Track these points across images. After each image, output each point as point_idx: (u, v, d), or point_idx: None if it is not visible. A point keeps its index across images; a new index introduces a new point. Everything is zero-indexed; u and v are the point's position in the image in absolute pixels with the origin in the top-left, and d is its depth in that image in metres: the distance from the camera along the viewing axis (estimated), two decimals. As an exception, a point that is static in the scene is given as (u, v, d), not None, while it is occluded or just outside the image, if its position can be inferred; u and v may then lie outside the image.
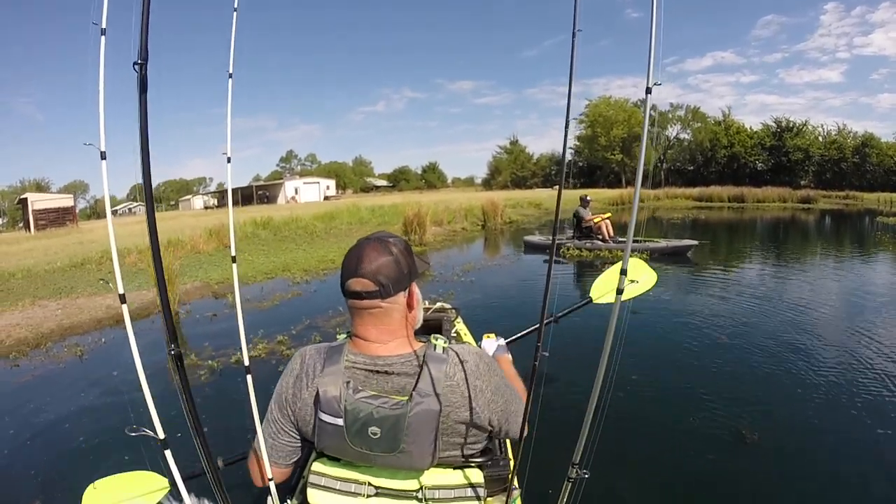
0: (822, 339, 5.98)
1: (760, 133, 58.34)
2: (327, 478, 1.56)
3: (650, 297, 8.17)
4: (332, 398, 1.45)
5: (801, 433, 3.90)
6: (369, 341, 1.53)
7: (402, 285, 1.53)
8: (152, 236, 1.46)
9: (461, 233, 19.84)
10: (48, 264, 12.88)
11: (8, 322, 8.01)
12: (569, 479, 1.61)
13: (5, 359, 6.50)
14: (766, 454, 3.61)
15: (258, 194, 63.80)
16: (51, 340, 7.22)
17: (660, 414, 4.22)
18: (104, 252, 13.30)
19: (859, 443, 3.72)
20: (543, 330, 1.65)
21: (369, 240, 1.57)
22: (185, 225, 19.47)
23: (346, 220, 21.50)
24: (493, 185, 74.71)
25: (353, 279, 1.50)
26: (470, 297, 8.50)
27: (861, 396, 4.39)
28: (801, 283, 9.53)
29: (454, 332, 3.77)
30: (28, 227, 36.85)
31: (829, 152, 52.31)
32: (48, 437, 4.35)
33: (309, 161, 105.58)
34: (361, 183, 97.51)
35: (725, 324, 6.66)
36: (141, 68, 1.31)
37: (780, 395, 4.53)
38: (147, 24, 1.30)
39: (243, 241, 15.79)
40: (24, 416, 4.74)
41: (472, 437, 1.57)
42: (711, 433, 3.89)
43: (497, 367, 1.65)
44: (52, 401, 5.03)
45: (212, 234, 15.26)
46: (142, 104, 1.33)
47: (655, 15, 1.32)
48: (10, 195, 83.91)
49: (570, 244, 13.26)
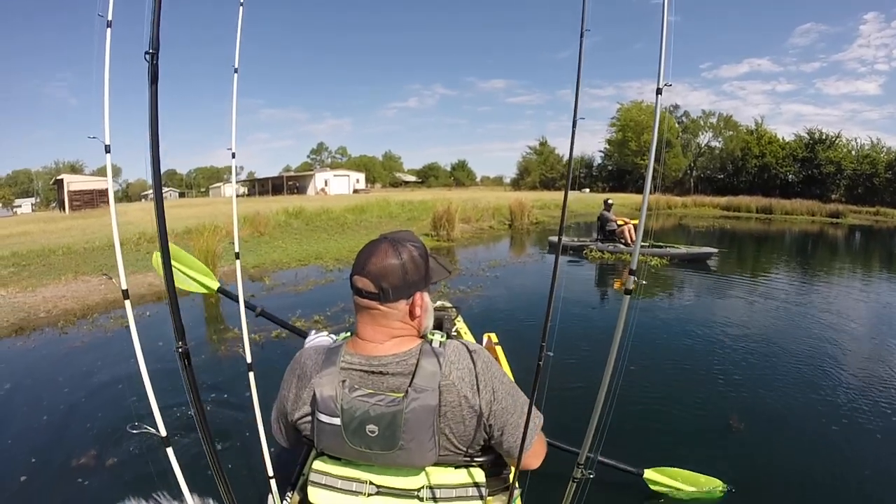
0: (836, 354, 5.84)
1: (792, 144, 57.31)
2: (328, 476, 1.57)
3: (660, 300, 8.45)
4: (329, 398, 1.46)
5: (806, 438, 3.92)
6: (366, 341, 1.54)
7: (405, 293, 1.52)
8: (160, 228, 1.51)
9: (488, 231, 20.16)
10: (87, 243, 13.36)
11: (54, 294, 8.53)
12: (573, 479, 1.65)
13: (54, 326, 7.01)
14: (767, 454, 3.66)
15: (288, 184, 64.49)
16: (97, 312, 7.71)
17: (666, 416, 4.23)
18: (141, 234, 13.67)
19: (865, 450, 3.73)
20: (548, 330, 1.66)
21: (386, 239, 1.56)
22: (219, 211, 19.80)
23: (376, 213, 21.87)
24: (522, 186, 73.94)
25: (357, 276, 1.52)
26: (497, 292, 8.92)
27: (872, 416, 4.29)
28: (819, 298, 9.37)
29: (454, 330, 3.66)
30: (63, 208, 37.58)
31: (862, 167, 51.26)
32: (104, 395, 4.69)
33: (339, 154, 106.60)
34: (390, 178, 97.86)
35: (737, 333, 6.63)
36: (152, 58, 1.34)
37: (787, 403, 4.53)
38: (159, 14, 1.32)
39: (276, 230, 16.30)
40: (81, 377, 5.16)
41: (471, 434, 1.55)
42: (718, 437, 3.94)
43: (496, 366, 1.62)
44: (104, 365, 5.40)
45: (246, 221, 15.70)
46: (152, 94, 1.36)
47: (666, 18, 1.38)
48: (45, 176, 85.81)
49: (593, 246, 13.56)
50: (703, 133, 66.99)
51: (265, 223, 16.10)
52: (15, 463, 3.65)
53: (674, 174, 62.30)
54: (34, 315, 7.50)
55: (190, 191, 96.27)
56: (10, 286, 8.98)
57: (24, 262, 11.05)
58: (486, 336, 4.20)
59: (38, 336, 6.71)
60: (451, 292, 8.75)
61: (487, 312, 7.50)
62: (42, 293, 8.59)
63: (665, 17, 1.38)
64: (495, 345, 3.94)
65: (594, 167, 75.09)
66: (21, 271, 10.28)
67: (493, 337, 4.14)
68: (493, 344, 3.98)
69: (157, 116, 1.37)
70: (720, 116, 66.30)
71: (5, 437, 4.07)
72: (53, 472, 3.56)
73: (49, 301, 8.13)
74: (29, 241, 14.37)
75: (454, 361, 1.52)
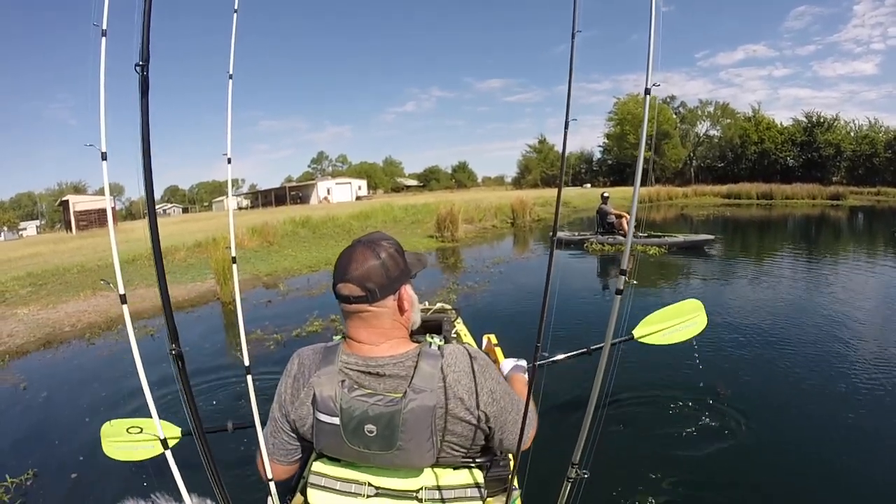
0: (838, 337, 5.83)
1: (791, 129, 57.31)
2: (327, 478, 1.58)
3: (655, 294, 8.44)
4: (328, 397, 1.46)
5: (802, 431, 3.87)
6: (361, 343, 1.54)
7: (391, 289, 1.53)
8: (154, 235, 1.48)
9: (491, 230, 20.46)
10: (99, 260, 13.38)
11: (76, 309, 8.82)
12: (568, 479, 1.63)
13: (81, 338, 7.33)
14: (767, 454, 3.61)
15: (291, 195, 64.75)
16: (120, 324, 7.75)
17: (660, 414, 4.18)
18: (150, 249, 13.88)
19: (864, 442, 3.66)
20: (543, 331, 1.63)
21: (360, 243, 1.57)
22: (223, 224, 20.03)
23: (380, 218, 22.14)
24: (523, 184, 74.03)
25: (341, 283, 1.52)
26: (499, 288, 9.21)
27: (866, 400, 4.27)
28: (819, 279, 9.50)
29: (454, 332, 3.67)
30: (69, 228, 37.85)
31: (861, 147, 51.22)
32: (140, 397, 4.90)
33: (340, 162, 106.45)
34: (392, 183, 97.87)
35: (735, 321, 6.58)
36: (143, 69, 1.33)
37: (783, 393, 4.49)
38: (149, 26, 1.32)
39: (284, 238, 16.64)
40: (115, 381, 5.33)
41: (469, 436, 1.57)
42: (713, 433, 3.86)
43: (493, 368, 1.64)
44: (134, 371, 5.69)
45: (255, 232, 16.00)
46: (143, 106, 1.35)
47: (654, 18, 1.36)
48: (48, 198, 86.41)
49: (593, 240, 13.90)
50: (701, 122, 67.28)
51: (273, 233, 16.40)
52: (21, 461, 3.89)
53: (673, 165, 62.43)
54: (59, 329, 7.78)
55: (193, 206, 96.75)
56: (30, 304, 9.25)
57: (40, 282, 11.26)
58: (486, 338, 4.18)
59: (65, 349, 7.01)
60: (460, 288, 9.08)
61: (490, 310, 7.71)
62: (64, 309, 8.86)
63: (653, 15, 1.36)
64: (495, 346, 3.92)
65: (594, 162, 75.31)
66: (39, 290, 10.53)
67: (492, 338, 4.11)
68: (493, 345, 3.94)
69: (149, 129, 1.37)
70: (717, 105, 66.60)
71: (18, 439, 4.37)
72: (56, 473, 3.75)
73: (72, 316, 8.40)
74: (42, 262, 14.54)
75: (452, 364, 1.53)
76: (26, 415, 4.92)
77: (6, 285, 10.88)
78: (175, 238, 15.56)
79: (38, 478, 3.68)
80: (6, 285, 10.88)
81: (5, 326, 7.93)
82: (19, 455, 4.06)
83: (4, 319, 8.36)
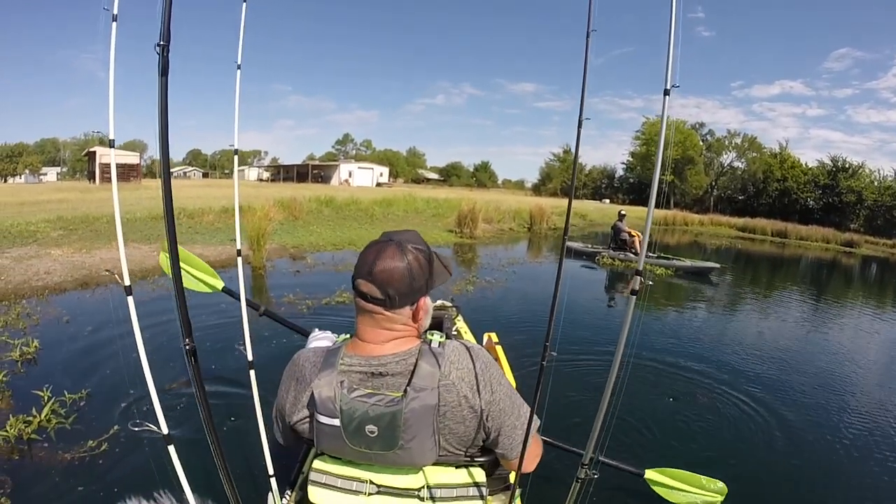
0: (833, 362, 6.21)
1: (815, 170, 57.04)
2: (328, 475, 1.57)
3: (665, 306, 8.93)
4: (328, 399, 1.45)
5: (809, 447, 3.98)
6: (366, 342, 1.53)
7: (411, 299, 1.51)
8: (169, 228, 1.49)
9: (508, 232, 20.87)
10: (127, 213, 13.23)
11: (110, 256, 9.04)
12: (577, 479, 1.64)
13: (117, 284, 7.58)
14: (768, 453, 3.78)
15: (313, 173, 65.02)
16: (157, 273, 8.13)
17: (669, 418, 4.25)
18: (180, 209, 14.09)
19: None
20: (552, 330, 1.64)
21: (391, 241, 1.52)
22: (247, 194, 20.23)
23: (402, 207, 22.56)
24: (543, 192, 74.25)
25: (362, 280, 1.49)
26: (509, 287, 9.58)
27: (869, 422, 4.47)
28: (820, 316, 9.85)
29: (455, 329, 3.59)
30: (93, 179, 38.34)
31: (883, 198, 50.91)
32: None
33: (364, 146, 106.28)
34: (413, 173, 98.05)
35: (737, 341, 6.96)
36: (163, 50, 1.32)
37: (787, 405, 4.70)
38: (170, 7, 1.31)
39: (309, 215, 17.16)
40: (162, 323, 5.61)
41: (470, 434, 1.55)
42: (719, 436, 4.02)
43: (496, 367, 1.61)
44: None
45: (282, 205, 16.21)
46: (162, 86, 1.34)
47: (675, 16, 1.38)
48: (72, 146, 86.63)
49: (605, 253, 14.39)
50: (727, 153, 67.19)
51: (299, 208, 16.84)
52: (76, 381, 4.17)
53: (694, 191, 62.36)
54: (96, 273, 8.01)
55: (214, 171, 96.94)
56: (63, 247, 9.48)
57: (70, 227, 11.51)
58: (487, 336, 4.21)
59: (103, 291, 7.28)
60: (476, 281, 9.52)
61: (495, 308, 7.91)
62: (98, 255, 9.10)
63: (673, 15, 1.39)
64: (495, 344, 3.94)
65: (616, 178, 75.25)
66: (69, 234, 10.79)
67: (493, 337, 4.14)
68: (494, 344, 3.97)
69: (167, 109, 1.38)
70: (745, 137, 66.53)
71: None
72: (107, 397, 3.96)
73: (107, 262, 8.60)
74: (70, 208, 14.65)
75: (454, 361, 1.51)
76: (74, 343, 5.17)
77: (37, 226, 11.12)
78: (202, 201, 15.97)
79: (91, 398, 3.97)
80: (37, 226, 11.12)
81: (41, 264, 8.17)
82: (73, 376, 4.33)
83: (39, 258, 8.58)
